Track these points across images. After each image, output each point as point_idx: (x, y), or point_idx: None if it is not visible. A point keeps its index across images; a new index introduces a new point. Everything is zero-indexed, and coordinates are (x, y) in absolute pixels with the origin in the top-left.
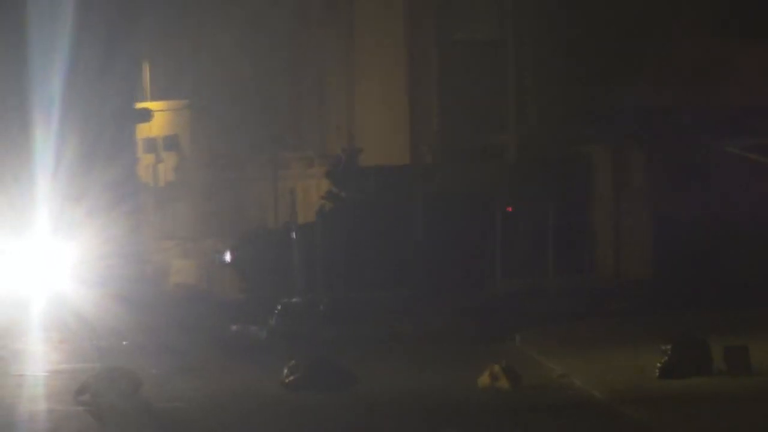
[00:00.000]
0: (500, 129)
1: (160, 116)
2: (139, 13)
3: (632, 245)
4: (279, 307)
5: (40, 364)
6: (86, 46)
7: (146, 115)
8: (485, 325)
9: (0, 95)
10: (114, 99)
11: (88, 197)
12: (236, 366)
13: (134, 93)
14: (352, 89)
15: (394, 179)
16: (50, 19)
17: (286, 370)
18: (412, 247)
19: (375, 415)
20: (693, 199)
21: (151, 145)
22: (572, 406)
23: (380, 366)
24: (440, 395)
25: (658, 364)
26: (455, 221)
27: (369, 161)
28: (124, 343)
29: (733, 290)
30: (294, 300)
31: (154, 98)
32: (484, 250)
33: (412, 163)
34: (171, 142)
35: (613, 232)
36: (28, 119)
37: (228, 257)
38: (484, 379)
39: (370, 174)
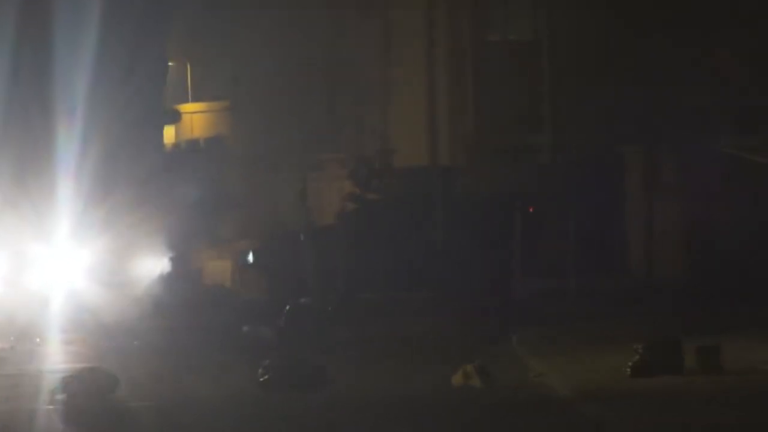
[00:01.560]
0: (535, 130)
1: (201, 118)
2: (172, 13)
3: (664, 246)
4: (288, 308)
5: (37, 363)
6: (113, 47)
7: (175, 117)
8: (488, 326)
9: (23, 95)
10: (141, 100)
11: (112, 198)
12: (229, 366)
13: (161, 94)
14: (388, 90)
15: (418, 181)
16: (77, 18)
17: (260, 370)
18: (433, 248)
19: (339, 413)
20: (724, 199)
21: (193, 146)
22: (536, 405)
23: (366, 366)
24: (411, 393)
25: (629, 364)
26: (478, 222)
27: (404, 162)
28: (135, 343)
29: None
30: (302, 301)
31: (195, 99)
32: (505, 251)
33: (433, 165)
34: (212, 144)
35: (645, 233)
36: (51, 119)
37: (250, 258)
38: (457, 378)
39: (395, 176)
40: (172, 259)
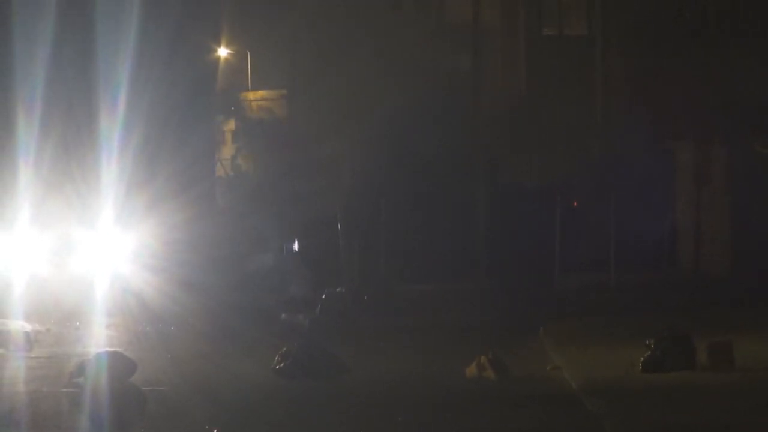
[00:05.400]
0: (586, 123)
1: (260, 105)
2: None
3: (712, 242)
4: (324, 297)
5: (69, 346)
6: (157, 33)
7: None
8: (522, 319)
9: (67, 79)
10: (186, 89)
11: (155, 183)
12: (258, 352)
13: (212, 82)
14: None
15: (461, 172)
16: (122, 6)
17: (277, 357)
18: (473, 240)
19: (353, 403)
20: None
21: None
22: (544, 398)
23: (389, 356)
24: (426, 385)
25: (641, 359)
26: (519, 216)
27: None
28: (172, 328)
29: None
30: (338, 290)
31: (254, 87)
32: (548, 245)
33: (477, 156)
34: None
35: (693, 228)
36: (95, 104)
37: (296, 246)
38: (471, 370)
39: (437, 165)
40: (217, 245)
